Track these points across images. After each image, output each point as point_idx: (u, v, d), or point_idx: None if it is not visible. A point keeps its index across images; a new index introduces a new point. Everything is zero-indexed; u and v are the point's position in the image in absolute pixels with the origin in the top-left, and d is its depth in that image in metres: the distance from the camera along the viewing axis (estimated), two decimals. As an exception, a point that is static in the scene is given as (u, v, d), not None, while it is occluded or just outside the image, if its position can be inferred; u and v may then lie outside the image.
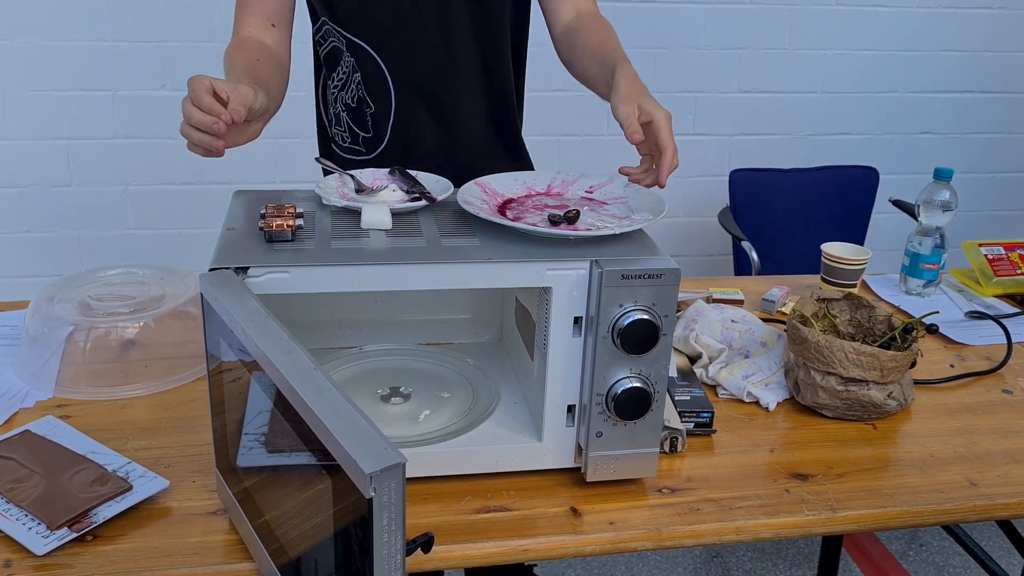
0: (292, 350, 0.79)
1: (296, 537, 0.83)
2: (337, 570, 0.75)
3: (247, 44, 1.36)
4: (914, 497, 1.10)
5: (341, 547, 0.74)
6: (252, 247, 0.99)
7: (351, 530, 0.71)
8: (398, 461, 0.65)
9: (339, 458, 0.68)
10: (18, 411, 1.20)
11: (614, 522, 1.03)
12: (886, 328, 1.33)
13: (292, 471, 0.82)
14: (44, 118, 2.56)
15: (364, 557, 0.69)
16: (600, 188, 1.23)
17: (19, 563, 0.93)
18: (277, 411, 0.81)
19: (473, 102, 1.50)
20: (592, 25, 1.43)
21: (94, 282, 1.39)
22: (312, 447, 0.74)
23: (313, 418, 0.71)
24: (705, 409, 1.21)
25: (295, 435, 0.77)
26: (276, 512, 0.87)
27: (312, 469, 0.76)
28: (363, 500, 0.66)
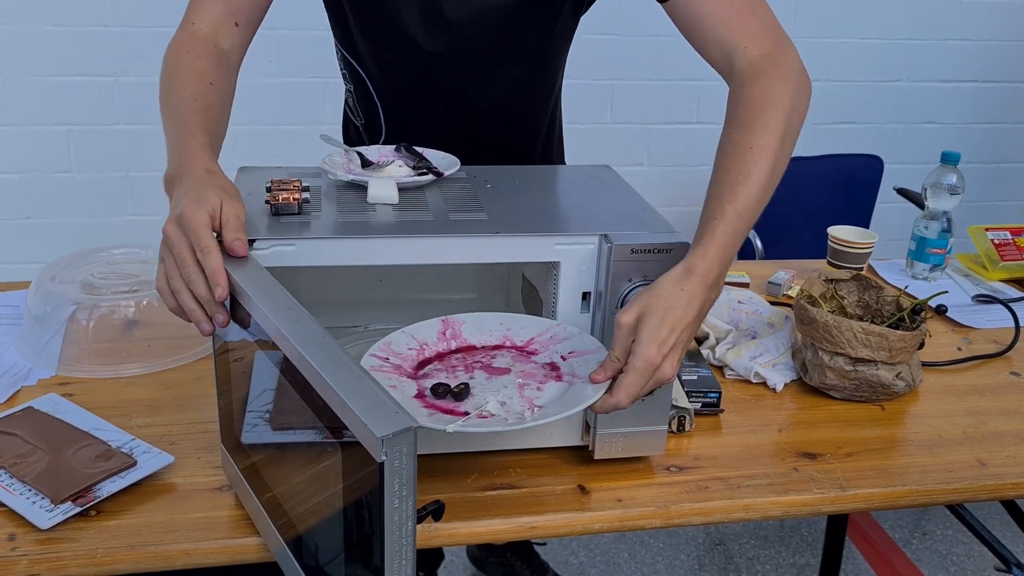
0: (301, 318, 0.78)
1: (305, 510, 0.82)
2: (347, 540, 0.75)
3: (199, 50, 1.14)
4: (923, 476, 1.09)
5: (352, 517, 0.73)
6: (258, 220, 0.98)
7: (362, 499, 0.70)
8: (409, 425, 0.65)
9: (350, 423, 0.67)
10: (20, 389, 1.19)
11: (622, 499, 1.02)
12: (894, 309, 1.32)
13: (300, 445, 0.81)
14: (45, 104, 2.54)
15: (375, 524, 0.68)
16: (581, 356, 1.00)
17: (23, 537, 0.92)
18: (285, 381, 0.80)
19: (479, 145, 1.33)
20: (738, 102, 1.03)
21: (97, 261, 1.38)
22: (321, 416, 0.73)
23: (323, 384, 0.70)
24: (712, 389, 1.20)
25: (304, 407, 0.77)
26: (284, 486, 0.86)
27: (321, 440, 0.75)
28: (374, 466, 0.65)
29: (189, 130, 1.02)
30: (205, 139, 1.02)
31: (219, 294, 0.87)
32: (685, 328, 0.91)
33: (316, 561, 0.82)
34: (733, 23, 1.07)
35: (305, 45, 2.58)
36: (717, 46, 1.09)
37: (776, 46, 1.06)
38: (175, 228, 0.91)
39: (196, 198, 0.91)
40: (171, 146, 1.03)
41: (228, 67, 1.18)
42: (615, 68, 2.77)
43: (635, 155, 2.89)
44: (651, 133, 2.88)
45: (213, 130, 1.06)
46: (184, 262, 0.89)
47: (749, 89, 1.02)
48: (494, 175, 1.18)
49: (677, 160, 2.89)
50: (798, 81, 1.04)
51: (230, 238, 0.90)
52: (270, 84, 2.61)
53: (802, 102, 1.04)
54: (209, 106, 1.08)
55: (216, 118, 1.08)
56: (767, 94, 1.01)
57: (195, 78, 1.10)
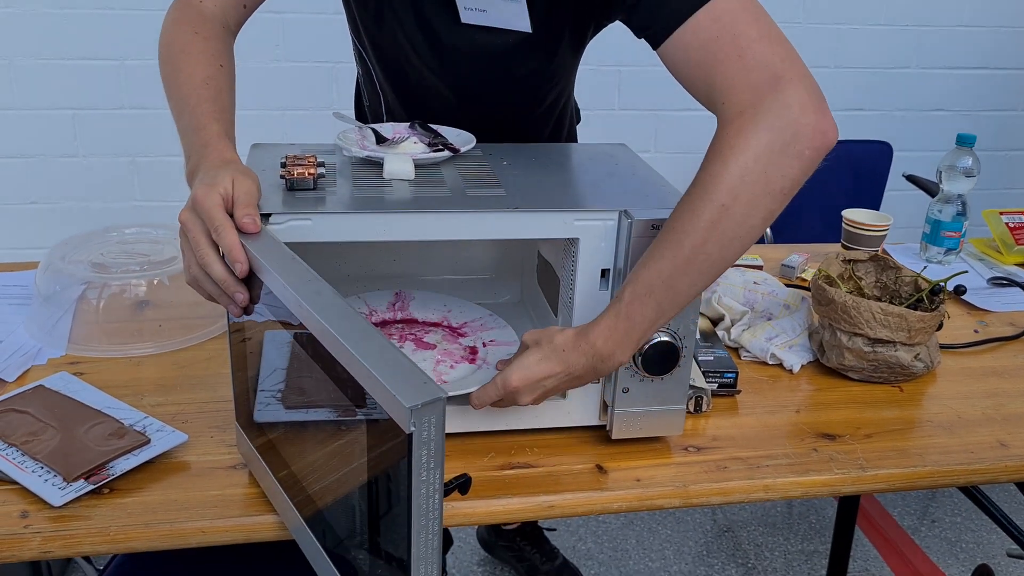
0: (322, 290, 0.76)
1: (326, 487, 0.81)
2: (372, 515, 0.73)
3: (208, 32, 1.11)
4: (944, 457, 1.08)
5: (376, 491, 0.72)
6: (273, 195, 0.97)
7: (388, 472, 0.69)
8: (438, 396, 0.63)
9: (376, 395, 0.66)
10: (30, 368, 1.18)
11: (640, 479, 1.01)
12: (912, 290, 1.30)
13: (320, 421, 0.80)
14: (50, 87, 2.53)
15: (401, 498, 0.67)
16: (500, 345, 1.13)
17: (36, 514, 0.91)
18: (304, 357, 0.79)
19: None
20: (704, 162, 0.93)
21: (107, 241, 1.36)
22: (345, 389, 0.72)
23: (348, 356, 0.69)
24: (729, 369, 1.19)
25: (325, 382, 0.75)
26: (303, 463, 0.85)
27: (343, 415, 0.74)
28: (402, 437, 0.64)
29: (204, 120, 1.01)
30: (220, 127, 1.01)
31: (239, 270, 0.85)
32: (557, 383, 0.96)
33: (337, 537, 0.81)
34: (716, 72, 0.91)
35: (312, 29, 2.56)
36: (705, 98, 0.95)
37: (755, 107, 0.87)
38: (189, 214, 0.90)
39: (208, 181, 0.90)
40: (187, 138, 1.02)
41: (231, 46, 1.16)
42: (623, 54, 2.75)
43: (643, 141, 2.88)
44: (659, 119, 2.87)
45: (226, 116, 1.05)
46: (198, 245, 0.88)
47: (709, 154, 0.91)
48: (510, 152, 1.16)
49: (685, 147, 2.88)
50: (772, 151, 0.87)
51: (240, 215, 0.88)
52: (277, 68, 2.59)
53: (775, 175, 0.87)
54: (220, 91, 1.06)
55: (227, 103, 1.07)
56: (715, 166, 0.89)
57: (206, 62, 1.08)
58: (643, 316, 0.91)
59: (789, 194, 0.90)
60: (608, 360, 0.94)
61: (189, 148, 1.00)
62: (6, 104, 2.52)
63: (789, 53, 0.90)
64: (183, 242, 0.92)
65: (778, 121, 0.87)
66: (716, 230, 0.88)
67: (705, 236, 0.88)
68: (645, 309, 0.91)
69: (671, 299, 0.91)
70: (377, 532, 0.73)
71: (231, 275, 0.87)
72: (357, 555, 0.78)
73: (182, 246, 0.92)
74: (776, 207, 0.89)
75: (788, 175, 0.88)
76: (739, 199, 0.87)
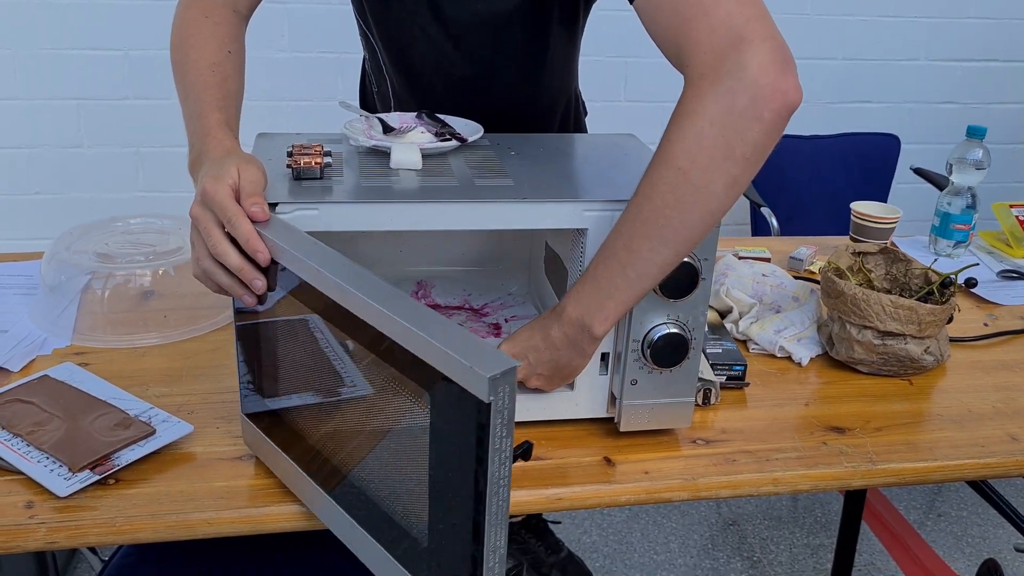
0: (361, 272, 0.77)
1: (372, 466, 0.81)
2: (433, 489, 0.74)
3: (218, 17, 1.11)
4: (954, 451, 1.07)
5: (440, 463, 0.73)
6: (279, 184, 0.96)
7: (455, 442, 0.70)
8: (512, 365, 0.66)
9: (448, 368, 0.68)
10: (35, 358, 1.18)
11: (649, 472, 1.00)
12: (923, 282, 1.29)
13: (361, 398, 0.80)
14: (55, 78, 2.52)
15: (473, 468, 0.68)
16: (521, 320, 1.20)
17: (41, 504, 0.90)
18: (337, 337, 0.80)
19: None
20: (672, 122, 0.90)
21: (112, 231, 1.36)
22: (401, 366, 0.73)
23: (411, 334, 0.70)
24: (738, 362, 1.18)
25: (368, 358, 0.77)
26: (338, 446, 0.85)
27: (394, 391, 0.75)
28: (474, 408, 0.66)
29: (206, 108, 1.01)
30: (222, 116, 1.01)
31: (261, 259, 0.85)
32: (539, 357, 0.97)
33: (385, 515, 0.81)
34: (682, 32, 0.88)
35: (317, 19, 2.55)
36: (675, 60, 0.91)
37: (714, 69, 0.84)
38: (199, 208, 0.89)
39: (215, 174, 0.89)
40: (190, 126, 1.02)
41: (242, 31, 1.17)
42: (628, 45, 2.74)
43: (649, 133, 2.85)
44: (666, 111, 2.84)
45: (231, 104, 1.05)
46: (211, 237, 0.88)
47: (671, 118, 0.89)
48: (518, 143, 1.15)
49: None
50: (732, 113, 0.83)
51: (248, 204, 0.87)
52: (282, 59, 2.58)
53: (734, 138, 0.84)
54: (227, 78, 1.06)
55: (234, 91, 1.07)
56: (673, 131, 0.87)
57: (214, 47, 1.08)
58: (608, 279, 0.91)
59: (753, 159, 0.86)
60: (582, 328, 0.93)
61: (192, 136, 1.01)
62: (11, 94, 2.51)
63: (757, 12, 0.85)
64: (194, 236, 0.91)
65: (735, 84, 0.83)
66: (673, 194, 0.87)
67: (663, 200, 0.87)
68: (610, 272, 0.91)
69: (634, 264, 0.89)
70: (440, 504, 0.74)
71: (248, 263, 0.87)
72: (412, 529, 0.78)
73: (192, 240, 0.92)
74: (739, 172, 0.86)
75: (748, 139, 0.84)
76: (696, 163, 0.85)
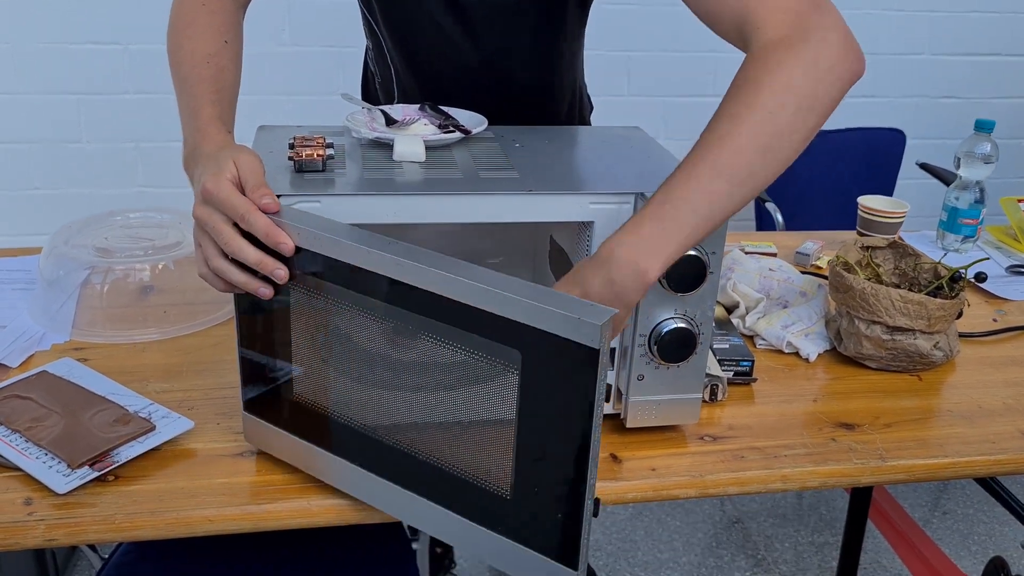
0: (411, 248, 0.80)
1: (445, 433, 0.83)
2: (521, 448, 0.79)
3: (214, 5, 1.10)
4: (965, 447, 1.06)
5: (536, 417, 0.77)
6: (281, 177, 0.95)
7: (557, 393, 0.75)
8: (611, 312, 0.72)
9: (550, 324, 0.73)
10: (34, 353, 1.16)
11: (656, 468, 0.99)
12: (932, 277, 1.28)
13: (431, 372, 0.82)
14: (54, 72, 2.50)
15: (583, 413, 0.74)
16: None
17: (40, 501, 0.89)
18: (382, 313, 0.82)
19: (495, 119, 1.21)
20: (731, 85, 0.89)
21: (111, 225, 1.34)
22: (484, 329, 0.76)
23: (498, 297, 0.74)
24: (745, 358, 1.17)
25: (429, 327, 0.80)
26: (402, 425, 0.86)
27: (476, 355, 0.78)
28: (585, 356, 0.72)
29: (200, 101, 1.00)
30: (215, 111, 0.99)
31: (285, 250, 0.84)
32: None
33: (462, 482, 0.84)
34: (750, 3, 0.91)
35: (319, 13, 2.54)
36: (734, 27, 0.93)
37: (797, 27, 0.87)
38: (204, 208, 0.87)
39: (214, 171, 0.88)
40: (184, 119, 1.00)
41: (240, 20, 1.15)
42: (631, 39, 2.72)
43: (653, 127, 2.84)
44: (668, 106, 2.84)
45: (226, 96, 1.03)
46: (223, 235, 0.86)
47: (746, 73, 0.87)
48: (522, 135, 1.14)
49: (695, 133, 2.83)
50: (819, 66, 0.86)
51: (256, 197, 0.85)
52: (283, 53, 2.56)
53: (821, 90, 0.87)
54: (222, 70, 1.05)
55: (229, 83, 1.05)
56: (762, 76, 0.85)
57: (210, 37, 1.07)
58: (675, 220, 0.83)
59: (824, 117, 0.88)
60: (636, 273, 0.82)
61: (186, 131, 0.99)
62: (10, 89, 2.50)
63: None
64: (199, 236, 0.89)
65: (822, 42, 0.87)
66: (759, 139, 0.85)
67: (749, 142, 0.84)
68: (678, 213, 0.83)
69: (707, 205, 0.84)
70: (530, 456, 0.79)
71: (268, 255, 0.85)
72: (493, 487, 0.82)
73: (197, 240, 0.90)
74: (814, 126, 0.87)
75: (831, 95, 0.87)
76: (786, 109, 0.85)
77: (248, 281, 0.87)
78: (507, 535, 0.82)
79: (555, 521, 0.79)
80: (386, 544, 1.31)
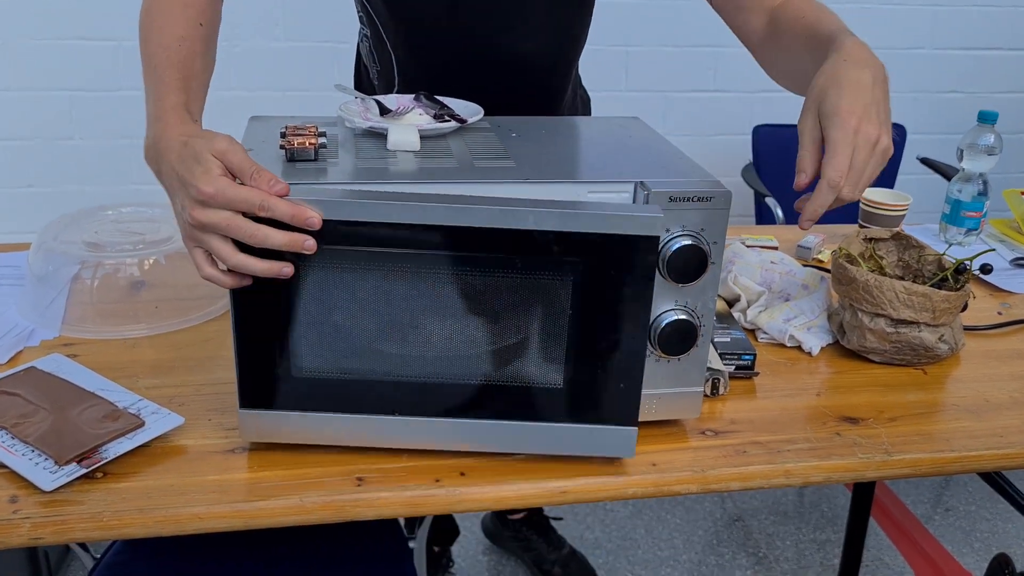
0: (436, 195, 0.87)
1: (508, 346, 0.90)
2: (571, 346, 0.90)
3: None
4: (972, 442, 1.04)
5: (593, 312, 0.89)
6: (273, 166, 0.92)
7: (616, 284, 0.88)
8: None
9: (614, 225, 0.85)
10: (23, 350, 1.14)
11: (657, 464, 0.97)
12: (936, 269, 1.26)
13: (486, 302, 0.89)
14: (46, 68, 2.48)
15: (641, 299, 0.88)
16: None
17: (25, 499, 0.87)
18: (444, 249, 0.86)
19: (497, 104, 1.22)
20: (794, 11, 1.08)
21: (102, 220, 1.32)
22: (541, 248, 0.86)
23: (552, 215, 0.84)
24: (746, 351, 1.15)
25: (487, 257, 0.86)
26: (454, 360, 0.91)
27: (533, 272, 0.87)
28: (646, 245, 0.86)
29: (166, 88, 0.96)
30: (180, 98, 0.95)
31: (315, 223, 0.82)
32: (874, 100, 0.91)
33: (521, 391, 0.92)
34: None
35: (313, 7, 2.51)
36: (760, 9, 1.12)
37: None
38: (206, 211, 0.84)
39: (202, 172, 0.84)
40: (147, 105, 0.96)
41: (219, 4, 1.11)
42: (630, 34, 2.70)
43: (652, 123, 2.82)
44: (668, 101, 2.81)
45: (193, 84, 0.99)
46: (243, 229, 0.83)
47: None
48: (519, 125, 1.12)
49: (695, 129, 2.83)
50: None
51: (265, 183, 0.83)
52: (276, 48, 2.54)
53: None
54: (193, 55, 1.01)
55: (199, 69, 1.01)
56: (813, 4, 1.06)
57: (184, 19, 1.03)
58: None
59: None
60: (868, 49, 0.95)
61: (148, 116, 0.95)
62: (2, 85, 2.48)
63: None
64: (201, 239, 0.86)
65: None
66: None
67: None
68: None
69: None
70: (585, 349, 0.90)
71: (295, 232, 0.83)
72: (550, 382, 0.92)
73: (198, 244, 0.86)
74: None
75: None
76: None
77: (270, 266, 0.85)
78: (566, 421, 0.94)
79: (615, 392, 0.92)
80: (383, 542, 1.29)
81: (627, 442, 0.94)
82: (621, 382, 0.92)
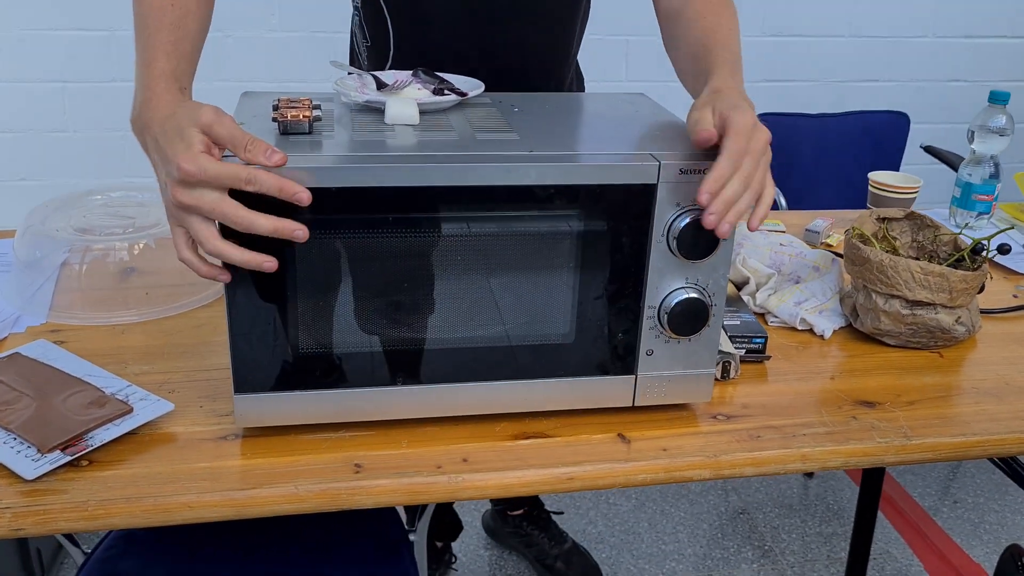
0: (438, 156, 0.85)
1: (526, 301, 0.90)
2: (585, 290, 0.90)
3: None
4: (993, 425, 1.00)
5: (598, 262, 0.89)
6: (266, 140, 0.88)
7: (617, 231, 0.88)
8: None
9: (614, 176, 0.85)
10: (7, 336, 1.10)
11: (667, 449, 0.93)
12: (951, 249, 1.22)
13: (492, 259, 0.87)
14: (38, 59, 2.44)
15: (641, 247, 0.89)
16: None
17: (6, 488, 0.83)
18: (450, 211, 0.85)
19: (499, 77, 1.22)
20: (699, 8, 1.14)
21: (90, 204, 1.28)
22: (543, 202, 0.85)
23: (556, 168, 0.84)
24: (758, 334, 1.11)
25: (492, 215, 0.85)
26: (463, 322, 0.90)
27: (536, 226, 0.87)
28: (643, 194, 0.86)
29: (155, 52, 0.92)
30: (170, 64, 0.91)
31: (304, 199, 0.78)
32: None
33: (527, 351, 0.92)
34: None
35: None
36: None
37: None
38: (187, 192, 0.79)
39: (184, 148, 0.79)
40: (136, 68, 0.92)
41: None
42: (630, 24, 2.66)
43: (652, 113, 2.79)
44: (669, 91, 2.77)
45: (185, 47, 0.95)
46: (225, 211, 0.78)
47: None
48: (521, 100, 1.08)
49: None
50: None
51: (261, 155, 0.79)
52: (272, 39, 2.50)
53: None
54: (187, 15, 0.96)
55: (192, 31, 0.97)
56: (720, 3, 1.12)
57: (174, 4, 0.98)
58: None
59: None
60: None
61: (136, 84, 0.91)
62: (-8, 76, 2.44)
63: None
64: (182, 220, 0.81)
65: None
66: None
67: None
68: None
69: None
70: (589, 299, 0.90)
71: (282, 219, 0.79)
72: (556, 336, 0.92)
73: (179, 224, 0.82)
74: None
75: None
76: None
77: (251, 258, 0.80)
78: (571, 375, 0.94)
79: (615, 344, 0.93)
80: (383, 534, 1.25)
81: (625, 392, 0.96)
82: (620, 331, 0.93)
